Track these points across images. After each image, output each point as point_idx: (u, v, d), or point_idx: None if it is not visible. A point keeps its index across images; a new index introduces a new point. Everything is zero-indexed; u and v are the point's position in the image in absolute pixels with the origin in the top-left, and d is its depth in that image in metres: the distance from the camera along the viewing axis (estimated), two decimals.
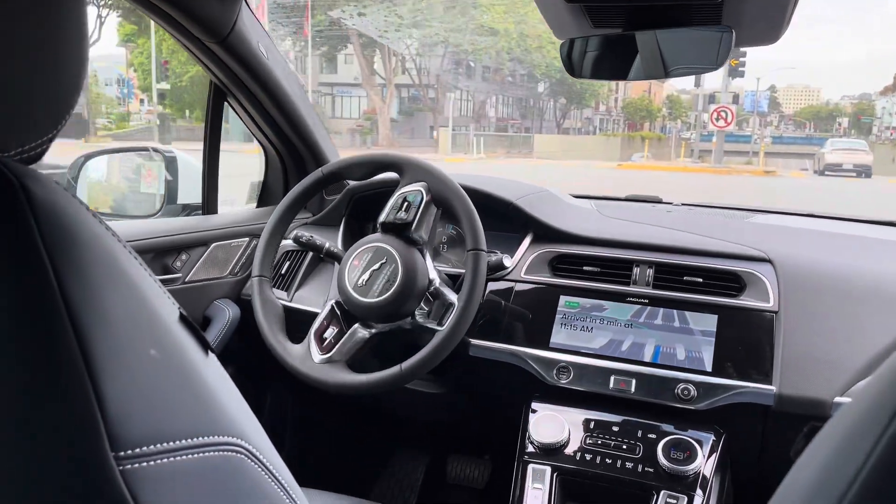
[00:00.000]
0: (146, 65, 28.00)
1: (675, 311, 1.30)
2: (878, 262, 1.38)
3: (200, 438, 0.42)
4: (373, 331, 1.30)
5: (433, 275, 1.31)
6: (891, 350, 1.16)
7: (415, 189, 1.30)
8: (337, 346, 1.28)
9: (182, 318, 0.46)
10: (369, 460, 2.07)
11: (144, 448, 0.38)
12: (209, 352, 0.48)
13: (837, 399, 1.13)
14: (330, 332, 1.30)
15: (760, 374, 1.19)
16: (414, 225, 1.29)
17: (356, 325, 1.29)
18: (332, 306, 1.33)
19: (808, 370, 1.17)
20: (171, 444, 0.39)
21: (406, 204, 1.29)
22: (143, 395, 0.40)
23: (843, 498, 0.32)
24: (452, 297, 1.27)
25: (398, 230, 1.31)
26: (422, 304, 1.30)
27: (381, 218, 1.32)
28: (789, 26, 1.04)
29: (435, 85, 33.06)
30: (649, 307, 1.32)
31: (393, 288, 1.26)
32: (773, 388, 1.17)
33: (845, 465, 0.33)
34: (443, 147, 27.52)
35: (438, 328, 1.24)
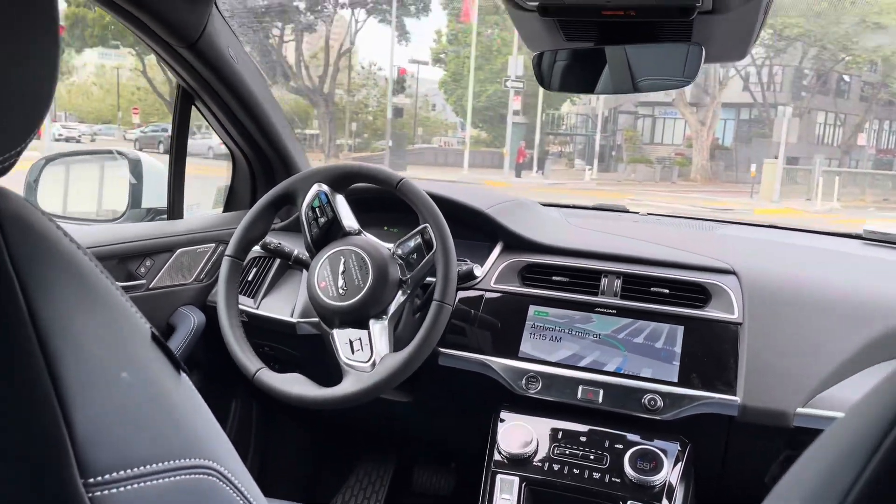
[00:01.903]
0: (448, 84, 26.18)
1: (642, 322, 1.31)
2: (839, 273, 1.42)
3: (171, 462, 0.41)
4: (385, 320, 1.27)
5: (387, 244, 1.32)
6: (853, 361, 1.19)
7: (313, 194, 1.32)
8: (375, 346, 1.24)
9: (154, 338, 0.45)
10: (334, 468, 2.05)
11: (115, 474, 0.37)
12: (180, 371, 0.47)
13: (800, 410, 1.15)
14: (357, 345, 1.26)
15: (725, 384, 1.21)
16: (338, 219, 1.31)
17: (370, 321, 1.26)
18: (336, 334, 1.28)
19: (771, 381, 1.19)
20: (142, 468, 0.39)
21: (316, 211, 1.32)
22: (114, 419, 0.39)
23: None
24: (417, 240, 1.28)
25: (331, 233, 1.32)
26: (400, 268, 1.29)
27: (308, 239, 1.33)
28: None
29: (786, 103, 22.42)
30: (617, 317, 1.33)
31: (370, 271, 1.25)
32: (737, 398, 1.18)
33: (839, 480, 0.34)
34: (766, 188, 16.78)
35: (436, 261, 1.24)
